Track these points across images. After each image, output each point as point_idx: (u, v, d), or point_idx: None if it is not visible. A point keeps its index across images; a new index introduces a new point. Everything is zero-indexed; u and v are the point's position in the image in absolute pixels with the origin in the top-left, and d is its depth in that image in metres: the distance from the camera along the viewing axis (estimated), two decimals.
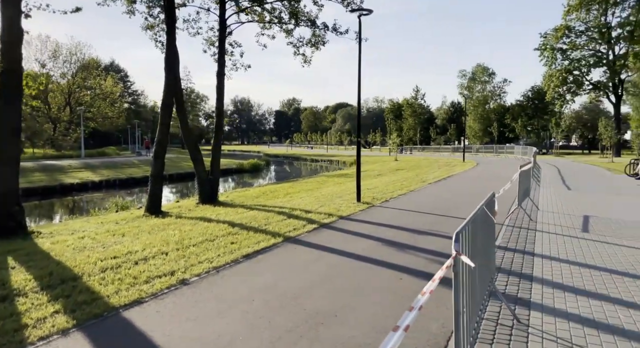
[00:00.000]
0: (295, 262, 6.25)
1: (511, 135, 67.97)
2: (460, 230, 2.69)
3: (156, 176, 11.85)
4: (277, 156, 74.60)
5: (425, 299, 2.44)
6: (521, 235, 8.07)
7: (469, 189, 15.83)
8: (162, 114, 12.09)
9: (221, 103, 14.28)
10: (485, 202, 3.94)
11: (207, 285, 5.15)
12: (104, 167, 30.97)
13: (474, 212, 3.51)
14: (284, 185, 20.16)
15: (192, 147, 13.74)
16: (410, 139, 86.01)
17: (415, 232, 8.35)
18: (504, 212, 10.33)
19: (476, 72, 71.75)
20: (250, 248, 6.94)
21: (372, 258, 6.46)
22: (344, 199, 13.02)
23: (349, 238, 7.87)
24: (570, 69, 50.30)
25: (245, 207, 11.99)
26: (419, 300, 2.33)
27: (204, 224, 9.11)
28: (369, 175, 25.06)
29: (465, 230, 2.94)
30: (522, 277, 5.56)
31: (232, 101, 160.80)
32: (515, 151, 44.47)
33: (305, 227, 8.79)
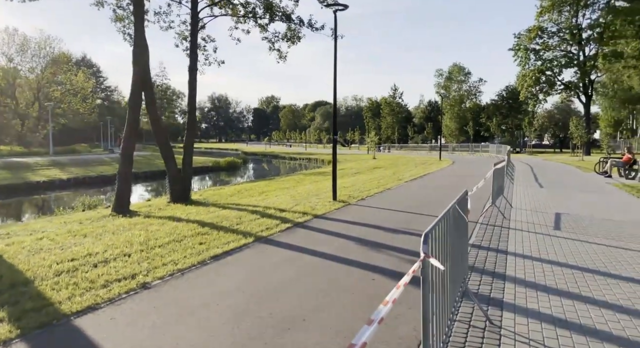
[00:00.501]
0: (265, 263, 6.02)
1: (486, 134, 69.23)
2: (429, 231, 2.53)
3: (124, 174, 11.42)
4: (255, 154, 73.99)
5: (387, 310, 2.26)
6: (495, 233, 8.05)
7: (444, 187, 15.88)
8: (129, 109, 11.65)
9: (193, 99, 13.88)
10: (457, 200, 3.80)
11: (170, 289, 4.87)
12: (74, 165, 29.97)
13: (444, 210, 3.36)
14: (260, 184, 19.85)
15: (163, 145, 13.31)
16: (388, 138, 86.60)
17: (389, 231, 8.23)
18: (478, 210, 10.34)
19: (452, 71, 72.75)
20: (219, 249, 6.67)
21: (345, 258, 6.30)
22: (320, 198, 12.84)
23: (322, 238, 7.69)
24: (543, 69, 51.47)
25: (218, 206, 11.68)
26: (380, 311, 2.14)
27: (173, 224, 8.78)
28: (346, 174, 24.97)
29: (435, 230, 2.78)
30: (495, 276, 5.48)
31: (209, 98, 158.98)
32: (490, 150, 45.26)
33: (279, 226, 8.56)
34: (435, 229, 2.74)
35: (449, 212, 3.34)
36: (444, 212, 3.21)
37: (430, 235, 2.53)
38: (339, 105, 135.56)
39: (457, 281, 3.98)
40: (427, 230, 2.52)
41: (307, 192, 14.61)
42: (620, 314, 4.31)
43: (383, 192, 14.52)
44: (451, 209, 3.41)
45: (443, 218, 3.08)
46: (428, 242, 2.40)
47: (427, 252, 2.36)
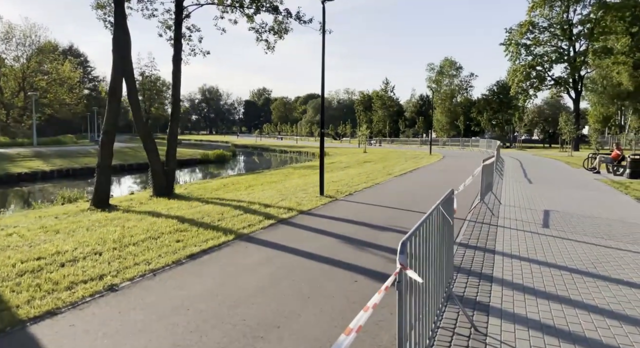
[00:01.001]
0: (243, 263, 5.76)
1: (477, 128, 69.36)
2: (407, 239, 2.28)
3: (103, 166, 11.03)
4: (246, 147, 73.41)
5: (367, 317, 2.02)
6: (483, 231, 7.86)
7: (434, 182, 15.71)
8: (109, 99, 11.24)
9: (178, 89, 13.48)
10: (441, 200, 3.56)
11: (139, 292, 4.59)
12: (57, 156, 29.30)
13: (426, 213, 3.12)
14: (247, 177, 19.53)
15: (145, 137, 12.91)
16: (379, 131, 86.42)
17: (376, 228, 8.00)
18: (466, 207, 10.16)
19: (444, 65, 72.55)
20: (197, 247, 6.39)
21: (328, 257, 6.05)
22: (307, 192, 12.58)
23: (306, 236, 7.44)
24: (534, 64, 51.52)
25: (201, 201, 11.37)
26: (360, 318, 1.90)
27: (152, 219, 8.46)
28: (336, 167, 24.73)
29: (415, 237, 2.54)
30: (482, 277, 5.28)
31: (200, 89, 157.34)
32: (480, 144, 45.30)
33: (262, 222, 8.29)
34: (415, 236, 2.50)
35: (432, 214, 3.10)
36: (426, 215, 2.96)
37: (408, 243, 2.28)
38: (331, 99, 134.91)
39: (441, 286, 3.76)
40: (405, 238, 2.27)
41: (295, 187, 14.34)
42: (611, 320, 4.13)
43: (372, 187, 14.30)
44: (435, 211, 3.17)
45: (425, 221, 2.84)
46: (406, 251, 2.15)
47: (404, 263, 2.11)
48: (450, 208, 4.17)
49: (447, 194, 3.96)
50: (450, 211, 4.06)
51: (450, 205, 4.23)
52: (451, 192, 4.14)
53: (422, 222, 2.78)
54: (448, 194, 3.97)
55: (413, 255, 2.61)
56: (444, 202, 3.75)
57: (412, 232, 2.43)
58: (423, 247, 2.97)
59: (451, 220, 3.84)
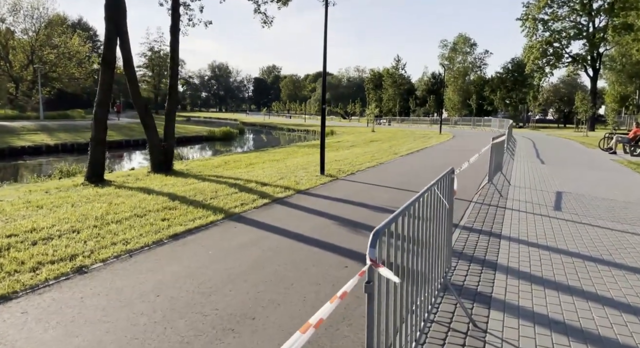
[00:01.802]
0: (228, 244, 5.38)
1: (489, 108, 67.83)
2: (382, 228, 1.82)
3: (97, 140, 10.66)
4: (254, 125, 72.82)
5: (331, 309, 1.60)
6: (489, 213, 7.38)
7: (441, 162, 15.16)
8: (102, 71, 10.77)
9: (176, 62, 12.97)
10: (437, 180, 3.09)
11: (109, 275, 4.23)
12: (63, 130, 29.09)
13: (415, 195, 2.65)
14: (250, 155, 19.12)
15: (142, 112, 12.51)
16: (389, 110, 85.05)
17: (375, 209, 7.57)
18: (473, 188, 9.65)
19: (458, 42, 70.57)
20: (183, 226, 6.02)
21: (320, 240, 5.65)
22: (307, 171, 12.15)
23: (300, 216, 7.03)
24: (551, 40, 49.73)
25: (198, 178, 11.00)
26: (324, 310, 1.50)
27: (142, 196, 8.11)
28: (342, 146, 24.21)
29: (398, 224, 2.08)
30: (486, 265, 4.84)
31: (209, 66, 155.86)
32: (492, 124, 44.21)
33: (255, 201, 7.90)
34: (397, 222, 2.04)
35: (423, 196, 2.63)
36: (415, 197, 2.50)
37: (384, 232, 1.83)
38: (340, 77, 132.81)
39: (436, 275, 3.32)
40: (379, 227, 1.81)
41: (296, 165, 13.91)
42: (628, 315, 3.68)
43: (376, 166, 13.81)
44: (427, 192, 2.70)
45: (412, 205, 2.37)
46: (377, 244, 1.69)
47: (374, 259, 1.66)
48: (449, 189, 3.69)
49: (443, 174, 3.48)
50: (448, 193, 3.59)
51: (450, 186, 3.76)
52: (451, 171, 3.66)
53: (409, 205, 2.31)
54: (446, 174, 3.49)
55: (398, 245, 2.16)
56: (441, 182, 3.28)
57: (391, 219, 1.98)
58: (413, 234, 2.53)
59: (447, 204, 3.37)
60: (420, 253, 2.73)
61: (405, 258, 2.36)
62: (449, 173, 3.72)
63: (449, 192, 3.74)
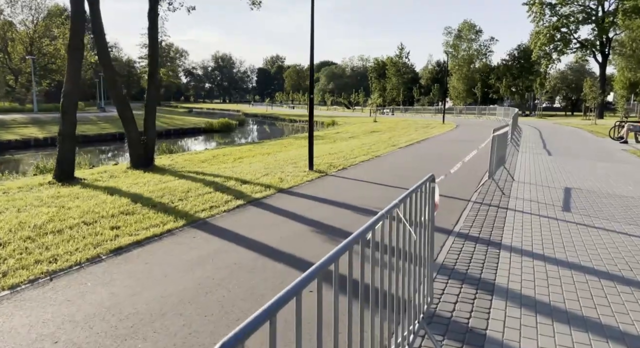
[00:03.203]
0: (178, 260, 4.57)
1: (495, 96, 66.37)
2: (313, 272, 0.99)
3: (65, 135, 9.86)
4: (256, 115, 71.95)
5: None
6: (489, 216, 6.52)
7: (440, 155, 14.26)
8: (68, 55, 9.89)
9: (155, 49, 12.09)
10: (402, 198, 2.24)
11: (8, 309, 3.42)
12: (55, 123, 28.31)
13: (379, 214, 1.81)
14: (242, 148, 18.30)
15: (119, 103, 11.65)
16: (393, 99, 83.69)
17: (360, 212, 6.73)
18: (473, 184, 8.78)
19: (462, 29, 68.90)
20: (132, 237, 5.23)
21: (289, 254, 4.83)
22: (297, 166, 11.33)
23: (273, 221, 6.21)
24: (559, 25, 48.16)
25: (177, 174, 10.21)
26: None
27: (104, 198, 7.31)
28: (340, 138, 23.32)
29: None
30: (481, 286, 4.01)
31: (213, 57, 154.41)
32: (498, 113, 42.98)
33: (228, 203, 7.09)
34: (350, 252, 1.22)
35: (386, 217, 1.79)
36: (374, 219, 1.66)
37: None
38: (344, 66, 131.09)
39: (410, 313, 2.50)
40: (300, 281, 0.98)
41: (287, 159, 13.08)
42: None
43: (371, 160, 12.95)
44: (385, 216, 1.86)
45: (365, 232, 1.54)
46: None
47: None
48: (428, 203, 2.85)
49: (419, 184, 2.63)
50: (428, 208, 2.74)
51: (430, 199, 2.91)
52: (430, 178, 2.80)
53: (362, 231, 1.48)
54: (423, 183, 2.63)
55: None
56: (415, 194, 2.43)
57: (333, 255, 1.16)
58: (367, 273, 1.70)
59: (415, 235, 2.50)
60: (385, 290, 1.91)
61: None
62: (428, 181, 2.87)
63: (429, 207, 2.90)
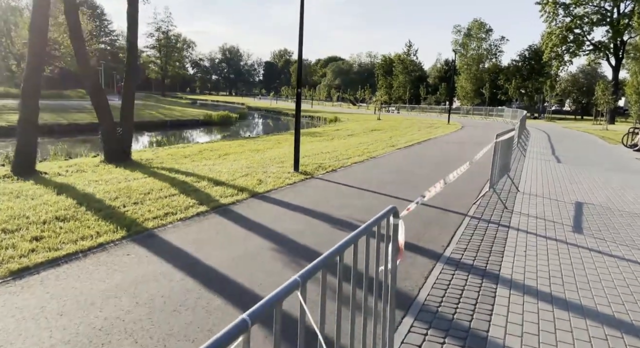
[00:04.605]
0: (90, 289, 3.66)
1: (503, 97, 65.05)
2: None
3: (25, 123, 8.96)
4: (259, 109, 70.96)
5: None
6: (487, 236, 5.57)
7: (439, 158, 13.28)
8: (30, 35, 8.98)
9: (134, 33, 11.14)
10: (356, 234, 1.31)
11: None
12: (48, 111, 27.52)
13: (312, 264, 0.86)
14: (233, 143, 17.37)
15: (93, 91, 10.73)
16: (399, 97, 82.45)
17: (337, 224, 5.79)
18: (472, 194, 7.82)
19: (472, 27, 67.49)
20: (52, 252, 4.33)
21: (235, 283, 3.91)
22: (282, 166, 10.41)
23: (231, 236, 5.29)
24: (572, 26, 46.73)
25: (148, 172, 9.31)
26: None
27: (47, 198, 6.40)
28: (338, 135, 22.34)
29: None
30: (470, 342, 3.07)
31: (220, 49, 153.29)
32: (505, 114, 41.78)
33: (187, 210, 6.17)
34: None
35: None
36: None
37: None
38: (352, 62, 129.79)
39: None
40: None
41: (275, 158, 12.16)
42: None
43: (364, 161, 11.99)
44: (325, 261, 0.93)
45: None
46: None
47: None
48: (389, 250, 1.90)
49: (370, 223, 1.69)
50: (392, 254, 1.80)
51: (392, 242, 1.96)
52: (390, 211, 1.86)
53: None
54: (375, 221, 1.69)
55: None
56: (364, 236, 1.49)
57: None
58: None
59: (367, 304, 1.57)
60: None
61: None
62: (388, 215, 1.92)
63: (390, 253, 1.95)
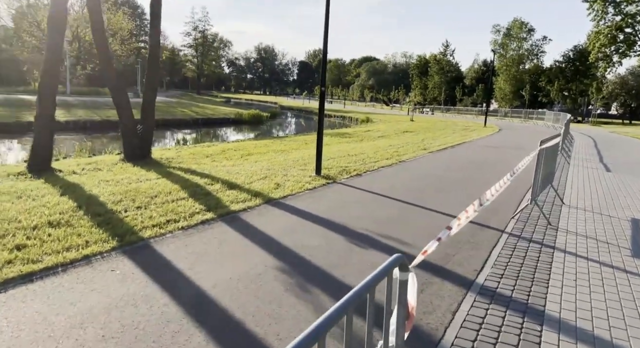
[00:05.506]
0: (57, 315, 3.19)
1: (545, 99, 62.24)
2: None
3: (42, 119, 8.77)
4: (292, 108, 70.88)
5: None
6: (528, 260, 4.79)
7: (474, 163, 12.35)
8: (49, 31, 8.76)
9: (157, 28, 10.86)
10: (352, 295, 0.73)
11: None
12: (82, 107, 28.18)
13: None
14: (258, 143, 16.98)
15: (115, 88, 10.54)
16: (434, 98, 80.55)
17: (355, 240, 5.15)
18: (512, 205, 6.99)
19: (512, 27, 64.91)
20: (29, 265, 3.91)
21: (225, 311, 3.36)
22: (305, 169, 9.86)
23: (234, 248, 4.74)
24: (622, 25, 43.93)
25: (164, 172, 8.95)
26: None
27: (49, 198, 6.06)
28: (368, 137, 21.62)
29: None
30: None
31: (255, 48, 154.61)
32: (547, 117, 39.71)
33: (192, 217, 5.68)
34: None
35: None
36: None
37: None
38: (386, 62, 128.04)
39: None
40: None
41: (298, 159, 11.62)
42: None
43: (393, 165, 11.27)
44: None
45: None
46: None
47: None
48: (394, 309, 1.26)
49: (371, 278, 1.06)
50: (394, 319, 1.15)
51: (399, 301, 1.32)
52: (397, 261, 1.22)
53: None
54: (376, 276, 1.06)
55: None
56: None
57: None
58: None
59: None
60: None
61: None
62: (393, 266, 1.28)
63: (397, 318, 1.31)
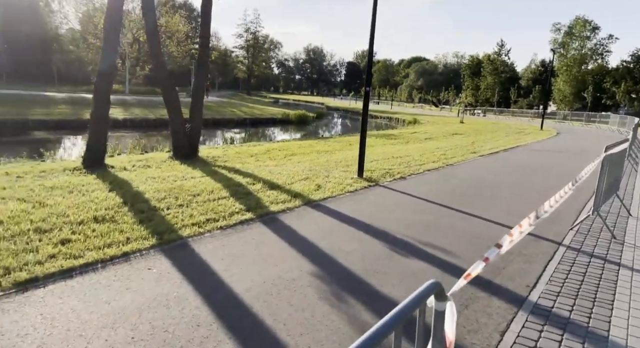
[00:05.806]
0: (90, 313, 3.20)
1: (609, 102, 58.29)
2: None
3: (97, 117, 9.13)
4: (338, 109, 70.78)
5: None
6: (589, 277, 4.34)
7: (528, 169, 11.62)
8: (105, 33, 9.12)
9: (207, 28, 11.05)
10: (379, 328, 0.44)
11: None
12: (139, 106, 29.48)
13: None
14: (303, 143, 16.95)
15: (166, 87, 10.84)
16: (487, 100, 77.67)
17: (394, 247, 4.90)
18: (568, 217, 6.44)
19: (574, 25, 61.31)
20: (70, 260, 4.00)
21: (256, 315, 3.24)
22: (347, 170, 9.68)
23: (271, 250, 4.63)
24: None
25: (209, 171, 9.06)
26: None
27: (97, 194, 6.26)
28: (415, 138, 21.05)
29: None
30: None
31: (304, 49, 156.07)
32: (611, 121, 37.08)
33: (232, 217, 5.65)
34: None
35: None
36: None
37: None
38: (437, 62, 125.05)
39: None
40: None
41: (341, 160, 11.43)
42: None
43: (440, 169, 10.82)
44: None
45: None
46: None
47: None
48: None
49: (402, 308, 0.86)
50: None
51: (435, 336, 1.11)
52: (432, 288, 1.01)
53: None
54: (408, 304, 0.85)
55: None
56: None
57: None
58: None
59: None
60: None
61: None
62: (427, 293, 1.07)
63: None
